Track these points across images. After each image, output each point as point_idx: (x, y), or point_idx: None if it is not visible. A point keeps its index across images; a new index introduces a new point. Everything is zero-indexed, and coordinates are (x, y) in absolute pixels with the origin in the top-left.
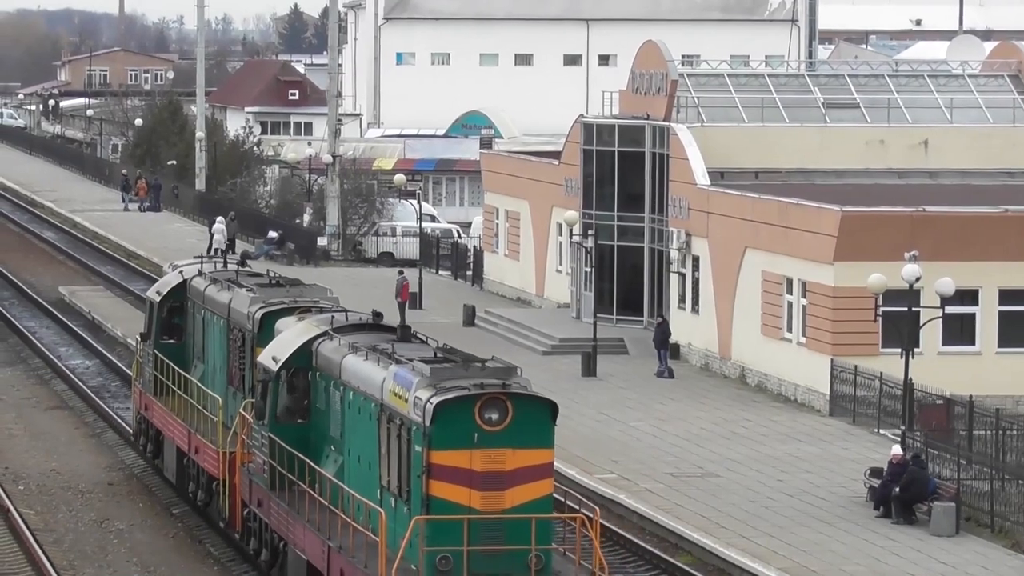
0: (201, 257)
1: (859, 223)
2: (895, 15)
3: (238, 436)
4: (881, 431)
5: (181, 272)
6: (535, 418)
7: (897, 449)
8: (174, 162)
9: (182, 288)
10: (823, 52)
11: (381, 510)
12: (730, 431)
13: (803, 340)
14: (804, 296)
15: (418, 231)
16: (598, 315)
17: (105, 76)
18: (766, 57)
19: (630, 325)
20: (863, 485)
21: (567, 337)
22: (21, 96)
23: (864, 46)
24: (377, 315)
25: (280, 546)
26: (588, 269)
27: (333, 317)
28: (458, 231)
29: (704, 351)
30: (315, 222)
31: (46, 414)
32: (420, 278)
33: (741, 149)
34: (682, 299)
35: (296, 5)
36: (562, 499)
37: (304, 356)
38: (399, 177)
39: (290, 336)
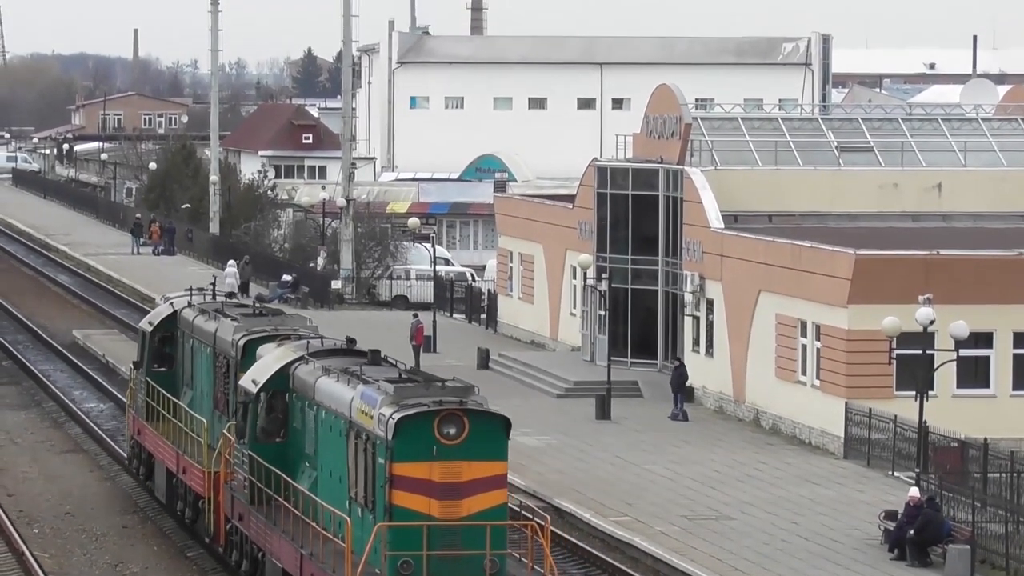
0: (191, 289)
1: (873, 266)
2: (909, 59)
3: (222, 456)
4: (896, 474)
5: (172, 303)
6: (490, 433)
7: (915, 491)
8: (188, 205)
9: (172, 319)
10: (837, 96)
11: (348, 518)
12: (744, 474)
13: (817, 383)
14: (818, 339)
15: (432, 274)
16: (612, 358)
17: (119, 120)
18: (780, 101)
19: (644, 368)
20: (878, 528)
21: (581, 380)
22: (35, 140)
23: (878, 90)
24: (350, 341)
25: (259, 556)
26: (602, 312)
27: (308, 343)
28: (472, 274)
29: (718, 394)
30: (329, 265)
31: (60, 457)
32: (434, 321)
33: (755, 192)
34: (696, 342)
35: (310, 49)
36: (517, 508)
37: (282, 379)
38: (413, 220)
39: (269, 361)
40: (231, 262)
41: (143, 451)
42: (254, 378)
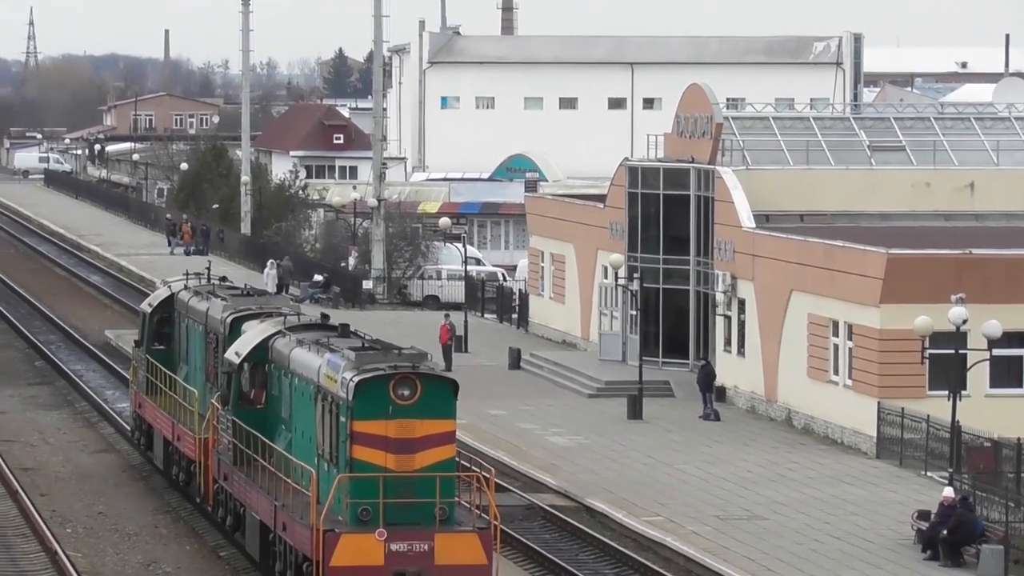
0: (187, 274)
1: (905, 266)
2: (941, 57)
3: (210, 423)
4: (928, 474)
5: (170, 287)
6: (440, 394)
7: (949, 491)
8: (217, 206)
9: (170, 300)
10: (868, 95)
11: (312, 470)
12: (777, 473)
13: (849, 382)
14: (850, 338)
15: (463, 274)
16: (644, 358)
17: (150, 120)
18: (811, 100)
19: (676, 368)
20: (911, 528)
21: (613, 380)
22: (67, 141)
23: (910, 89)
24: (325, 316)
25: (241, 512)
26: (634, 312)
27: (286, 319)
28: (503, 274)
29: (750, 394)
30: (360, 265)
31: (93, 457)
32: (465, 321)
33: (786, 192)
34: (728, 342)
35: (341, 49)
36: (467, 464)
37: (262, 351)
38: (444, 220)
39: (251, 335)
40: (271, 262)
41: (143, 423)
42: (237, 351)
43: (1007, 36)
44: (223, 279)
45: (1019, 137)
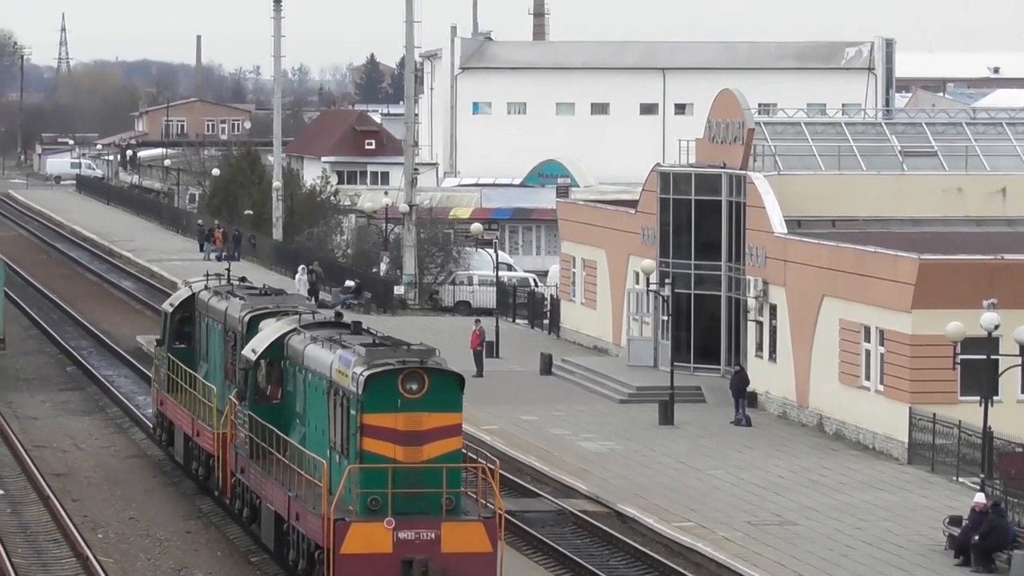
0: (207, 275)
1: (937, 271)
2: (972, 63)
3: (228, 419)
4: (960, 479)
5: (190, 287)
6: (447, 388)
7: (980, 497)
8: (250, 212)
9: (191, 300)
10: (900, 100)
11: (324, 461)
12: (808, 479)
13: (881, 388)
14: (882, 344)
15: (495, 280)
16: (675, 363)
17: (182, 126)
18: (843, 105)
19: (707, 373)
20: (942, 533)
21: (644, 385)
22: (99, 146)
23: (941, 94)
24: (338, 315)
25: (256, 503)
26: (665, 318)
27: (301, 317)
28: (535, 280)
29: (782, 399)
30: (392, 271)
31: (124, 462)
32: (497, 327)
33: (818, 197)
34: (759, 347)
35: (372, 55)
36: (474, 456)
37: (277, 348)
38: (476, 226)
39: (267, 333)
40: (301, 267)
41: (165, 420)
42: (253, 348)
43: None
44: (242, 279)
45: None
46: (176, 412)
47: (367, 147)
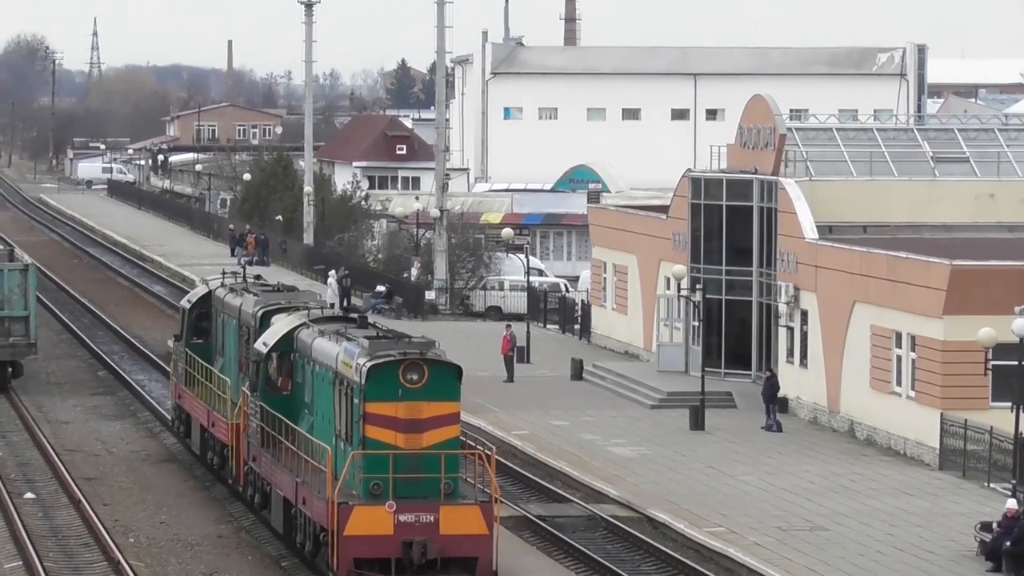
0: (224, 272)
1: (969, 277)
2: (1004, 69)
3: (241, 410)
4: (991, 485)
5: (207, 284)
6: (445, 378)
7: (1013, 503)
8: (280, 217)
9: (208, 297)
10: (932, 106)
11: (328, 447)
12: (839, 485)
13: (912, 394)
14: (913, 350)
15: (526, 285)
16: (706, 369)
17: (214, 131)
18: (875, 111)
19: (738, 379)
20: (974, 539)
21: (675, 391)
22: (130, 151)
23: (973, 100)
24: (346, 310)
25: (267, 490)
26: (696, 323)
27: (310, 312)
28: (566, 285)
29: (812, 405)
30: (423, 276)
31: (156, 467)
32: (528, 332)
33: (850, 203)
34: (790, 353)
35: (404, 60)
36: (472, 443)
37: (287, 341)
38: (507, 231)
39: (278, 327)
40: (332, 272)
41: (183, 412)
42: (264, 341)
43: None
44: (257, 277)
45: None
46: (193, 404)
47: (398, 152)
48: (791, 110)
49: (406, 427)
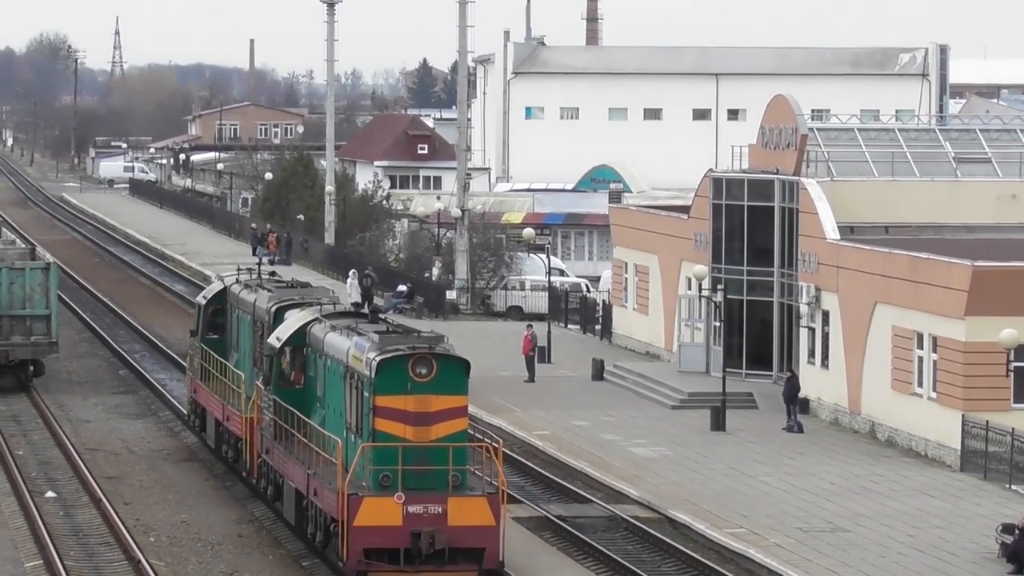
0: (239, 269)
1: (991, 278)
2: None
3: (255, 404)
4: (1013, 487)
5: (223, 280)
6: (454, 372)
7: None
8: (302, 216)
9: (223, 293)
10: (954, 106)
11: (338, 439)
12: (860, 486)
13: (934, 395)
14: (935, 351)
15: (547, 285)
16: (727, 369)
17: (235, 130)
18: (896, 111)
19: (759, 380)
20: (995, 541)
21: (696, 391)
22: (152, 150)
23: (995, 100)
24: (356, 305)
25: (280, 482)
26: (717, 324)
27: (322, 307)
28: (587, 285)
29: (834, 406)
30: (444, 276)
31: (176, 466)
32: (549, 332)
33: (871, 203)
34: (812, 354)
35: (425, 60)
36: (481, 437)
37: (300, 336)
38: (528, 231)
39: (290, 322)
40: (352, 272)
41: (198, 406)
42: (278, 336)
43: None
44: (272, 274)
45: None
46: (208, 399)
47: (419, 152)
48: (813, 110)
49: (415, 420)
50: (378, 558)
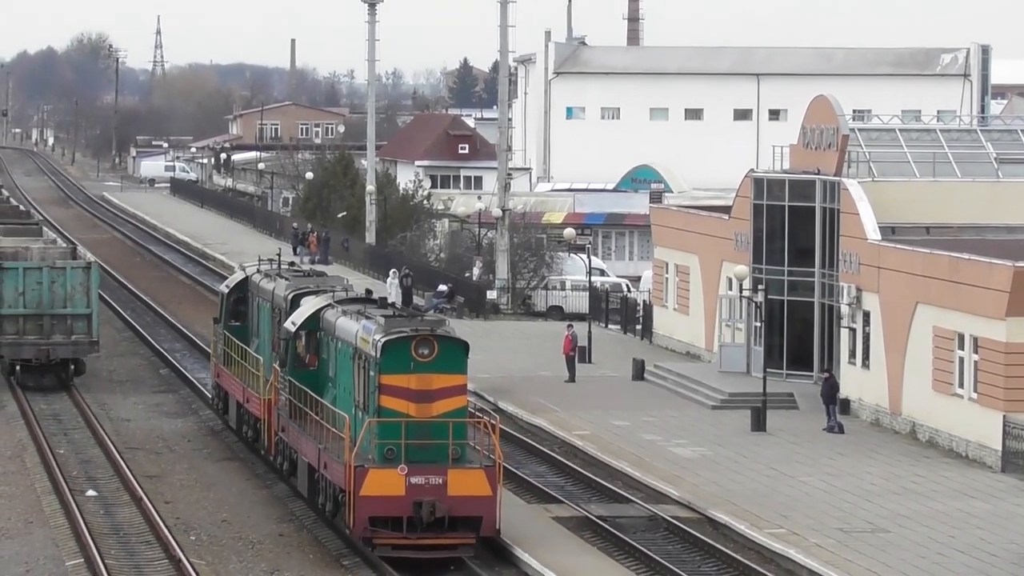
0: (260, 259)
1: None
2: None
3: (272, 386)
4: None
5: (244, 270)
6: (454, 353)
7: None
8: (343, 214)
9: (245, 282)
10: (996, 107)
11: (346, 415)
12: (900, 487)
13: (975, 396)
14: (976, 352)
15: (587, 285)
16: (768, 370)
17: (276, 130)
18: (938, 112)
19: (800, 380)
20: None
21: (736, 392)
22: (193, 149)
23: None
24: (368, 292)
25: (294, 457)
26: (758, 324)
27: (335, 294)
28: (627, 285)
29: (874, 406)
30: (485, 276)
31: (217, 465)
32: (589, 332)
33: (912, 204)
34: (852, 354)
35: (466, 59)
36: (480, 414)
37: (314, 321)
38: (569, 231)
39: (305, 308)
40: (392, 271)
41: (221, 391)
42: (293, 320)
43: None
44: (291, 264)
45: None
46: (230, 382)
47: (460, 151)
48: (854, 111)
49: (417, 397)
50: (383, 526)
